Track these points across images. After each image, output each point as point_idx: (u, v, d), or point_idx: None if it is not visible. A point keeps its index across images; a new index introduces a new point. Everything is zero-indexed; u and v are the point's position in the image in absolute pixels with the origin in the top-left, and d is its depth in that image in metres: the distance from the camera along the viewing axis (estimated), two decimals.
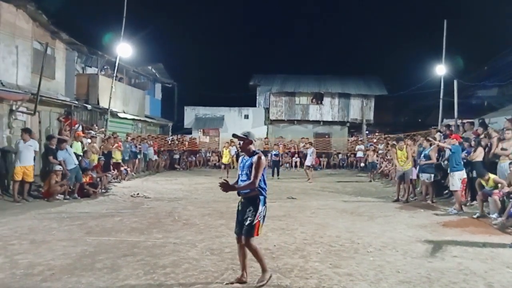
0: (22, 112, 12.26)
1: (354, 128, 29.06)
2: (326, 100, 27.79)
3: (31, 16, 13.06)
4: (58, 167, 10.55)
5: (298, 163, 23.04)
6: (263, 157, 4.29)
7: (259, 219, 4.28)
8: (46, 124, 13.70)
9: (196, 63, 37.08)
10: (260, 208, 4.27)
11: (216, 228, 7.19)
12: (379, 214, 8.79)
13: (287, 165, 23.21)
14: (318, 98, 28.05)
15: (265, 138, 26.51)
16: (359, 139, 26.29)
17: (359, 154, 22.90)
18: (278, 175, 16.91)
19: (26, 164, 9.92)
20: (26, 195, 10.06)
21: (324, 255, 5.55)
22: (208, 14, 48.72)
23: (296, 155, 23.69)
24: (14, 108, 11.90)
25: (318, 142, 23.88)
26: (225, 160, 17.46)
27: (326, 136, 26.96)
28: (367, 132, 27.94)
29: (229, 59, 44.20)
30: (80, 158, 11.61)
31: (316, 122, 27.86)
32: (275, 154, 17.67)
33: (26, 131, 10.29)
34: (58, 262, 5.00)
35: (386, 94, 27.62)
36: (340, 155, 24.99)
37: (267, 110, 28.15)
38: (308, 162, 16.43)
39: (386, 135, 23.86)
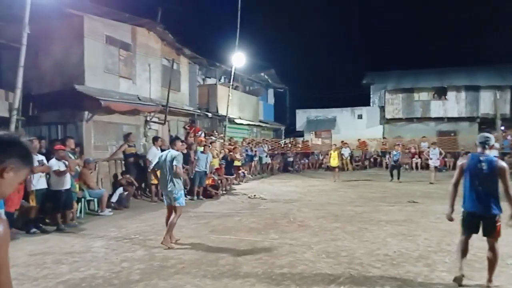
0: (155, 122, 13.89)
1: (486, 124, 25.71)
2: (450, 95, 25.23)
3: (159, 36, 14.72)
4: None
5: (419, 164, 21.38)
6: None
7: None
8: (174, 132, 15.26)
9: (306, 66, 37.31)
10: None
11: (332, 231, 7.10)
12: None
13: (407, 166, 21.71)
14: (440, 93, 25.64)
15: (383, 138, 25.24)
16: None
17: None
18: (398, 177, 15.73)
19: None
20: (160, 195, 11.34)
21: (453, 264, 5.03)
22: (316, 15, 48.54)
23: (417, 156, 22.00)
24: (148, 119, 13.58)
25: (442, 141, 21.78)
26: (333, 163, 16.90)
27: (452, 134, 24.43)
28: (502, 128, 24.50)
29: (340, 59, 43.31)
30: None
31: (439, 119, 25.47)
32: (395, 155, 16.39)
33: (155, 139, 11.70)
34: (187, 257, 5.52)
35: None
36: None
37: (382, 108, 26.76)
38: (435, 163, 15.11)
39: None
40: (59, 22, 11.25)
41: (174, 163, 6.17)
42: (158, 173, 6.68)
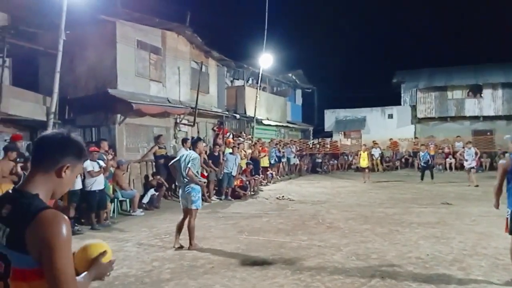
0: (184, 124, 14.14)
1: None
2: (486, 92, 24.25)
3: (188, 39, 14.97)
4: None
5: (453, 165, 20.68)
6: None
7: None
8: (203, 133, 15.47)
9: (334, 65, 36.74)
10: None
11: (361, 233, 7.00)
12: None
13: (440, 167, 21.05)
14: (475, 91, 24.70)
15: (414, 138, 24.60)
16: None
17: None
18: (432, 177, 15.15)
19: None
20: None
21: (489, 268, 4.86)
22: (343, 14, 47.91)
23: (451, 156, 21.29)
24: (178, 121, 13.84)
25: (477, 141, 20.97)
26: (363, 163, 16.59)
27: (488, 134, 23.49)
28: None
29: (369, 57, 42.53)
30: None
31: (474, 118, 24.53)
32: (423, 156, 15.87)
33: (184, 140, 11.89)
34: (216, 257, 5.59)
35: None
36: (507, 155, 21.40)
37: (413, 108, 26.08)
38: (471, 164, 14.45)
39: None
40: (93, 28, 11.66)
41: (189, 165, 6.08)
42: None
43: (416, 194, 12.15)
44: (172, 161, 6.68)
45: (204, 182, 9.82)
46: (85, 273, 1.51)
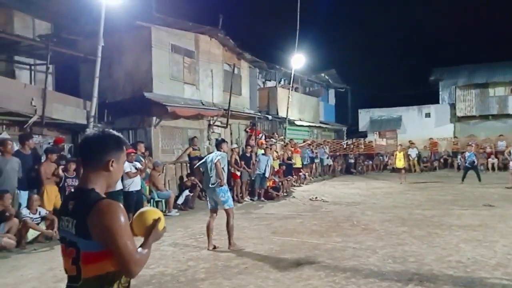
0: (218, 126, 14.32)
1: None
2: None
3: (221, 42, 15.16)
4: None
5: (495, 165, 19.73)
6: None
7: None
8: (236, 135, 15.61)
9: (368, 64, 36.01)
10: None
11: (398, 235, 6.81)
12: None
13: (482, 167, 20.13)
14: None
15: (453, 138, 23.70)
16: None
17: None
18: (479, 179, 14.31)
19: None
20: None
21: None
22: (377, 11, 46.85)
23: (493, 156, 20.33)
24: (211, 123, 14.04)
25: None
26: (399, 164, 16.12)
27: None
28: None
29: (404, 55, 41.33)
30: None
31: None
32: (469, 156, 15.02)
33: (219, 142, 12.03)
34: (250, 258, 5.62)
35: None
36: None
37: (452, 106, 25.10)
38: None
39: None
40: (129, 34, 12.07)
41: (218, 157, 6.16)
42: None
43: (457, 195, 11.68)
44: (198, 164, 6.75)
45: (231, 186, 9.90)
46: (144, 242, 1.75)
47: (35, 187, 7.50)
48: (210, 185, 6.23)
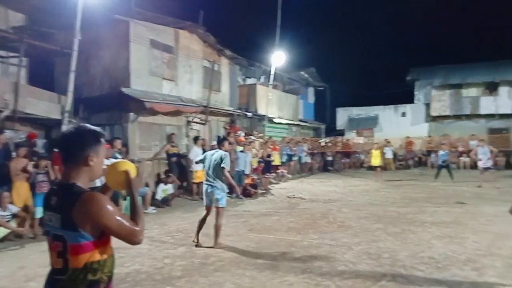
0: (196, 123, 14.21)
1: None
2: (503, 90, 23.77)
3: (201, 38, 15.03)
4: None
5: (467, 164, 20.34)
6: None
7: None
8: (215, 132, 15.53)
9: (347, 63, 36.44)
10: None
11: (373, 232, 6.95)
12: None
13: (454, 166, 20.73)
14: (492, 88, 24.24)
15: (428, 137, 24.29)
16: None
17: None
18: (451, 177, 14.71)
19: (199, 168, 11.45)
20: (201, 194, 11.58)
21: (504, 269, 4.79)
22: (356, 11, 47.45)
23: (465, 155, 20.96)
24: (190, 119, 13.92)
25: (493, 139, 20.61)
26: (375, 162, 16.42)
27: (504, 132, 23.05)
28: None
29: (382, 55, 42.06)
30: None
31: (490, 116, 24.09)
32: (442, 155, 15.43)
33: (195, 139, 11.97)
34: (227, 255, 5.62)
35: None
36: None
37: (427, 106, 25.74)
38: (485, 163, 13.79)
39: None
40: (107, 28, 11.81)
41: (223, 165, 6.06)
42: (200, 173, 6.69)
43: (430, 193, 11.99)
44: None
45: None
46: (131, 202, 1.89)
47: (5, 184, 7.27)
48: (207, 183, 6.15)
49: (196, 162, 6.74)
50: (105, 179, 1.93)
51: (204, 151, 12.11)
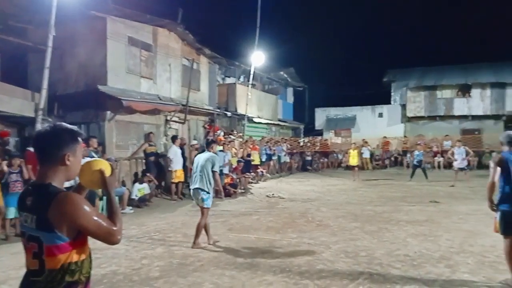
0: (175, 122, 14.06)
1: None
2: (475, 92, 24.57)
3: (180, 36, 14.88)
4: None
5: (441, 164, 20.92)
6: None
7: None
8: (194, 131, 15.42)
9: (326, 64, 36.99)
10: None
11: (351, 230, 7.05)
12: None
13: (429, 165, 21.26)
14: (465, 90, 25.01)
15: (404, 137, 24.84)
16: None
17: None
18: (426, 177, 15.13)
19: (178, 167, 11.35)
20: (180, 194, 11.49)
21: (476, 266, 4.95)
22: (335, 12, 48.03)
23: (439, 155, 21.54)
24: (168, 118, 13.76)
25: (466, 140, 21.24)
26: (352, 162, 16.72)
27: (476, 133, 23.82)
28: None
29: (360, 57, 42.82)
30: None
31: (463, 117, 24.87)
32: (417, 155, 15.80)
33: (173, 138, 11.84)
34: (206, 255, 5.59)
35: None
36: (494, 154, 21.72)
37: (403, 107, 26.32)
38: (460, 164, 14.19)
39: None
40: (83, 24, 11.53)
41: (215, 168, 6.16)
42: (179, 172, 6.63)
43: (406, 192, 12.27)
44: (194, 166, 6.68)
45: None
46: (108, 201, 1.91)
47: None
48: (194, 186, 6.18)
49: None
50: (79, 179, 1.89)
51: (183, 150, 12.11)
